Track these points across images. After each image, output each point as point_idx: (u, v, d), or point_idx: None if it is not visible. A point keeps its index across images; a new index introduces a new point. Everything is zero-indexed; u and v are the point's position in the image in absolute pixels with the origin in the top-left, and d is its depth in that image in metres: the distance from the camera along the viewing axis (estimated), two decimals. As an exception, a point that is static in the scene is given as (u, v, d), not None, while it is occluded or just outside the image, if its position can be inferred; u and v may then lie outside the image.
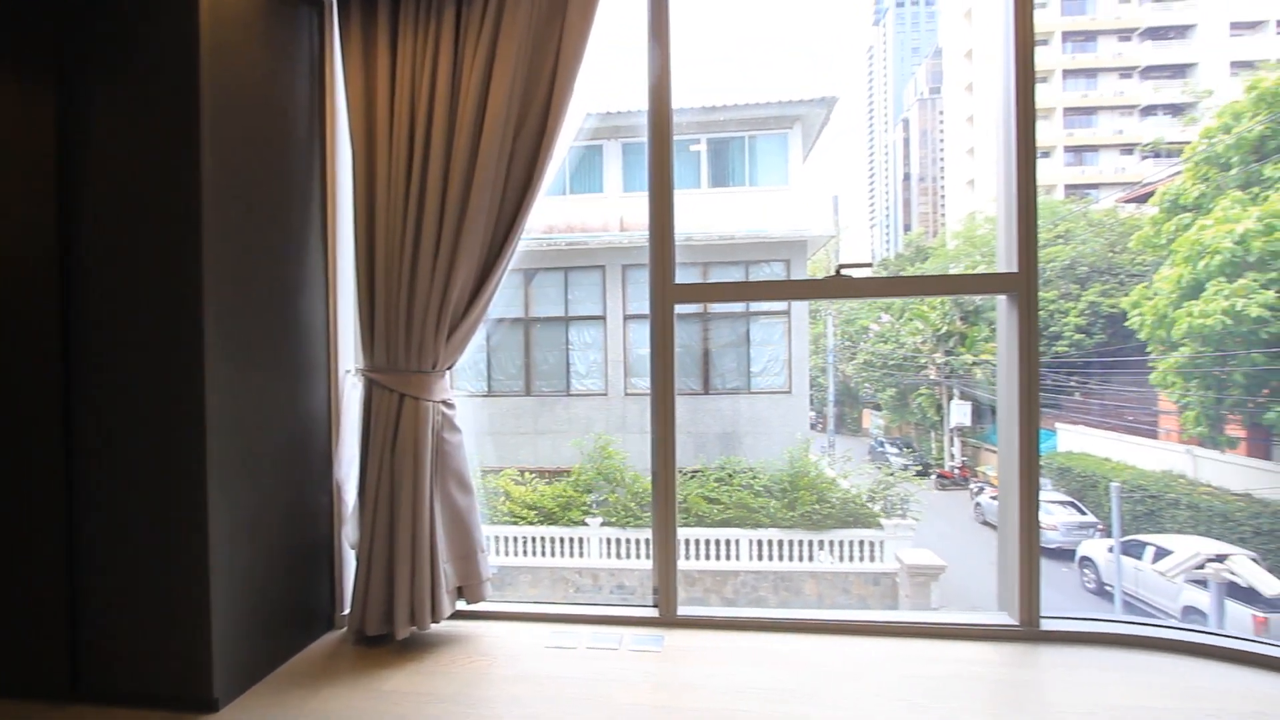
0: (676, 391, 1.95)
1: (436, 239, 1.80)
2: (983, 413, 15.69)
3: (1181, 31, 27.03)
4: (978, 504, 13.26)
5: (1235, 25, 26.03)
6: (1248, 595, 7.99)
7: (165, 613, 1.53)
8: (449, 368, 1.91)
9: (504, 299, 10.18)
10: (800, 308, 9.62)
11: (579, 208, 9.95)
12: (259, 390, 1.69)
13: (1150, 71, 27.47)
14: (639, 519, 8.08)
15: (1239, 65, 24.14)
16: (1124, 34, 27.83)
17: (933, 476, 15.83)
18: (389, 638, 1.86)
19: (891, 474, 9.19)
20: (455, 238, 1.80)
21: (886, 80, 70.27)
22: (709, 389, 9.50)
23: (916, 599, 7.53)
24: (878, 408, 20.66)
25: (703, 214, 9.66)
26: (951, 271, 17.37)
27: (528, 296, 9.72)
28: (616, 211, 9.86)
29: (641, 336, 9.24)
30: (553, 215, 9.85)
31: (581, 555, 8.29)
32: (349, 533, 1.97)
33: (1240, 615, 7.83)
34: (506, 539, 8.38)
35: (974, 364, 15.53)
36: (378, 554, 1.81)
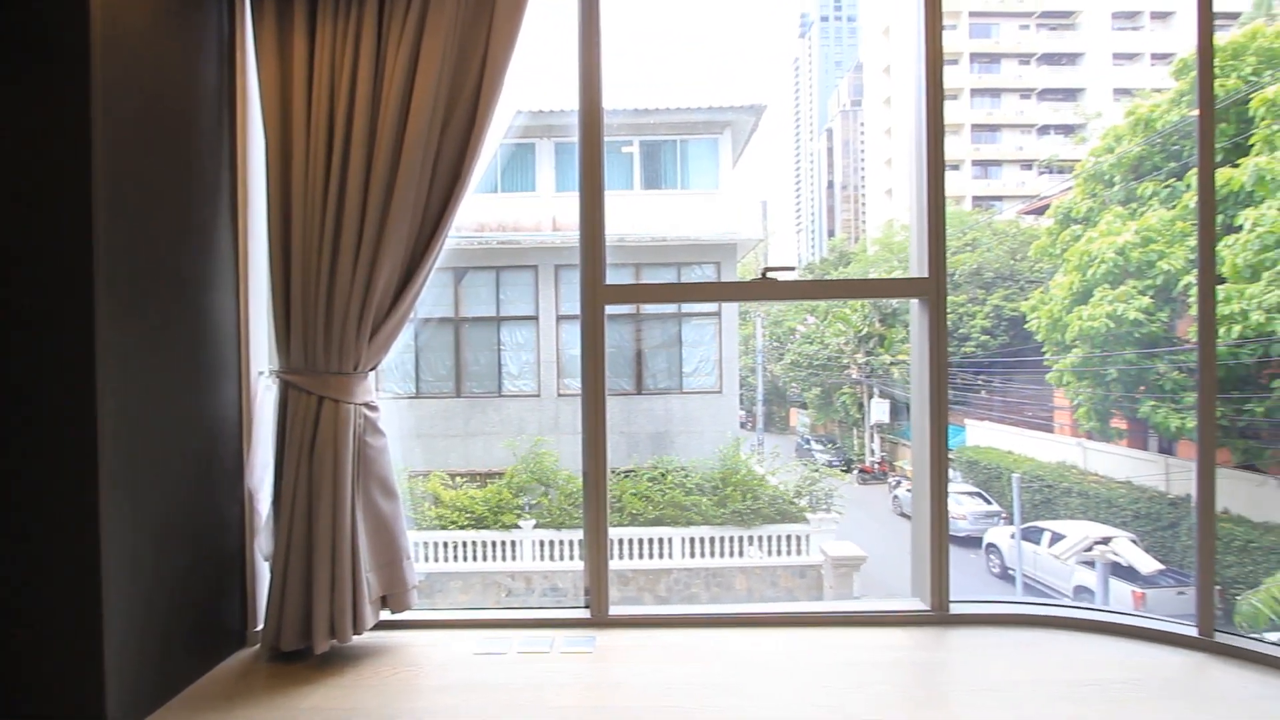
0: (609, 392, 1.96)
1: (358, 234, 1.74)
2: (899, 410, 16.54)
3: (1073, 59, 29.51)
4: (895, 496, 13.99)
5: (1117, 56, 28.68)
6: (1128, 574, 8.81)
7: (53, 629, 1.41)
8: (372, 369, 1.84)
9: (432, 298, 9.91)
10: (730, 309, 9.84)
11: (511, 206, 9.80)
12: (160, 393, 1.58)
13: (1046, 94, 29.83)
14: (572, 520, 8.04)
15: (1120, 92, 26.60)
16: (1024, 58, 30.08)
17: (855, 472, 16.57)
18: (307, 653, 1.77)
19: (817, 470, 9.54)
20: (378, 233, 1.74)
21: (812, 91, 72.93)
22: (642, 389, 9.57)
23: (840, 589, 7.85)
24: (804, 406, 21.40)
25: (635, 215, 9.72)
26: (871, 276, 18.21)
27: (458, 296, 9.48)
28: (549, 211, 9.77)
29: (575, 337, 9.19)
30: (484, 213, 9.65)
31: (514, 559, 8.17)
32: (262, 544, 1.86)
33: (1122, 592, 8.63)
34: (436, 545, 8.15)
35: (892, 364, 16.36)
36: (294, 565, 1.72)
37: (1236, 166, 8.56)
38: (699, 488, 8.48)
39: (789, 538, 8.26)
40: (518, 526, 8.21)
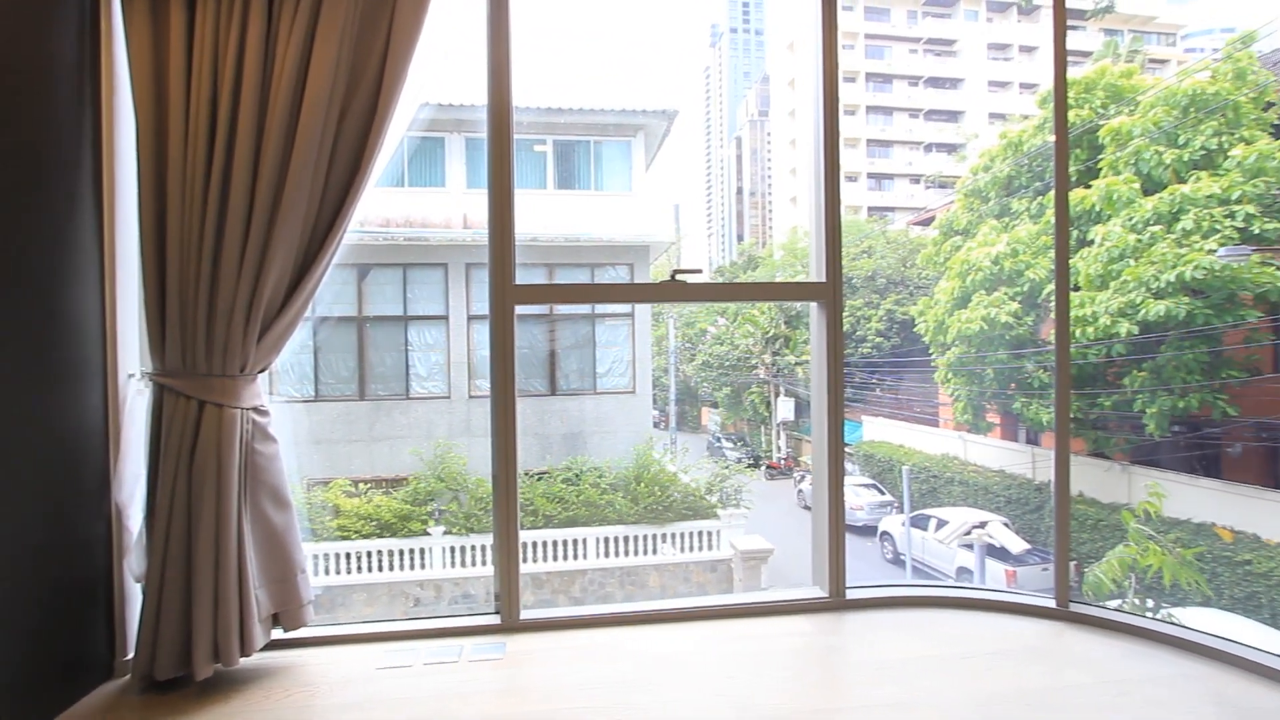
0: (522, 393, 1.93)
1: (245, 226, 1.61)
2: (803, 408, 17.34)
3: (954, 83, 32.19)
4: (800, 490, 14.68)
5: (992, 83, 31.57)
6: (1002, 554, 9.71)
7: None
8: (262, 370, 1.72)
9: (332, 295, 9.37)
10: (644, 310, 9.95)
11: (419, 202, 9.44)
12: (8, 396, 1.40)
13: (932, 114, 32.34)
14: (484, 525, 7.86)
15: (995, 116, 29.27)
16: (912, 80, 32.47)
17: (763, 468, 17.22)
18: (186, 680, 1.63)
19: (727, 467, 9.83)
20: (268, 226, 1.62)
21: (722, 99, 75.09)
22: (556, 390, 9.49)
23: (749, 581, 8.14)
24: (715, 405, 21.99)
25: (549, 215, 9.63)
26: (778, 279, 19.01)
27: (361, 293, 9.02)
28: (460, 208, 9.49)
29: (487, 337, 8.98)
30: (390, 208, 9.24)
31: (423, 566, 7.88)
32: (133, 564, 1.69)
33: (997, 570, 9.51)
34: (338, 556, 7.72)
35: (796, 364, 17.14)
36: (171, 585, 1.58)
37: (1089, 188, 9.63)
38: (613, 487, 8.53)
39: (701, 534, 8.46)
40: (426, 533, 7.93)
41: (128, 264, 1.74)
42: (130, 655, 1.69)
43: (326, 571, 7.71)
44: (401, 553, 7.87)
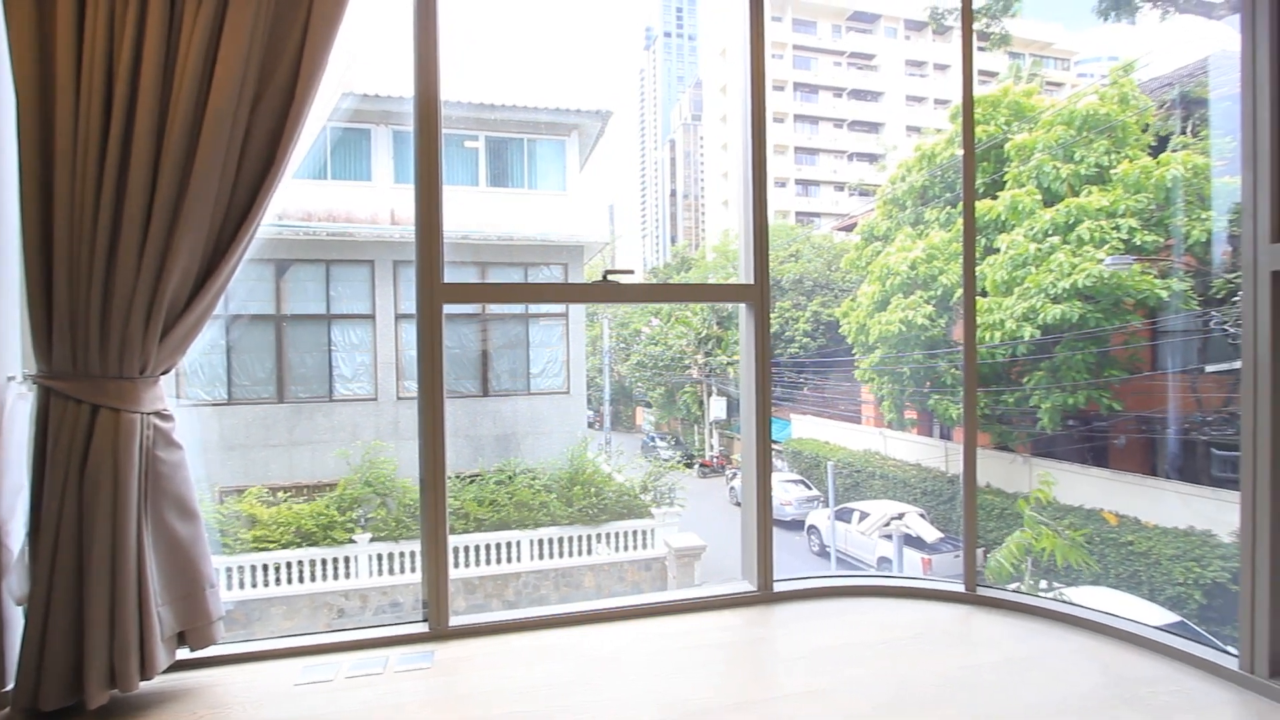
0: (452, 394, 1.88)
1: (145, 218, 1.50)
2: (735, 407, 17.73)
3: (875, 96, 33.75)
4: (731, 487, 15.01)
5: (909, 97, 33.33)
6: (918, 543, 10.28)
7: None
8: (165, 372, 1.61)
9: (246, 291, 8.82)
10: (578, 310, 9.91)
11: (344, 196, 9.04)
12: None
13: (855, 125, 33.80)
14: (413, 531, 7.61)
15: (911, 129, 30.92)
16: (837, 91, 33.82)
17: (696, 466, 17.50)
18: (77, 709, 1.50)
19: (661, 466, 9.93)
20: (172, 217, 1.52)
21: (656, 102, 75.72)
22: (488, 391, 9.31)
23: (683, 578, 8.25)
24: (649, 405, 22.15)
25: (481, 212, 9.44)
26: (710, 281, 19.33)
27: (280, 290, 8.54)
28: (387, 203, 9.15)
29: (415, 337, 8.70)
30: (312, 201, 8.80)
31: (349, 576, 7.56)
32: (13, 585, 1.54)
33: (914, 559, 10.05)
34: (254, 568, 7.29)
35: (729, 364, 17.51)
36: (59, 606, 1.45)
37: (995, 199, 10.33)
38: (547, 488, 8.44)
39: (635, 533, 8.51)
40: (352, 541, 7.60)
41: (7, 258, 1.59)
42: (10, 686, 1.54)
43: (242, 585, 7.28)
44: (325, 562, 7.52)
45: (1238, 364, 1.60)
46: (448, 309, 1.92)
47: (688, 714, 1.50)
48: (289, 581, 7.41)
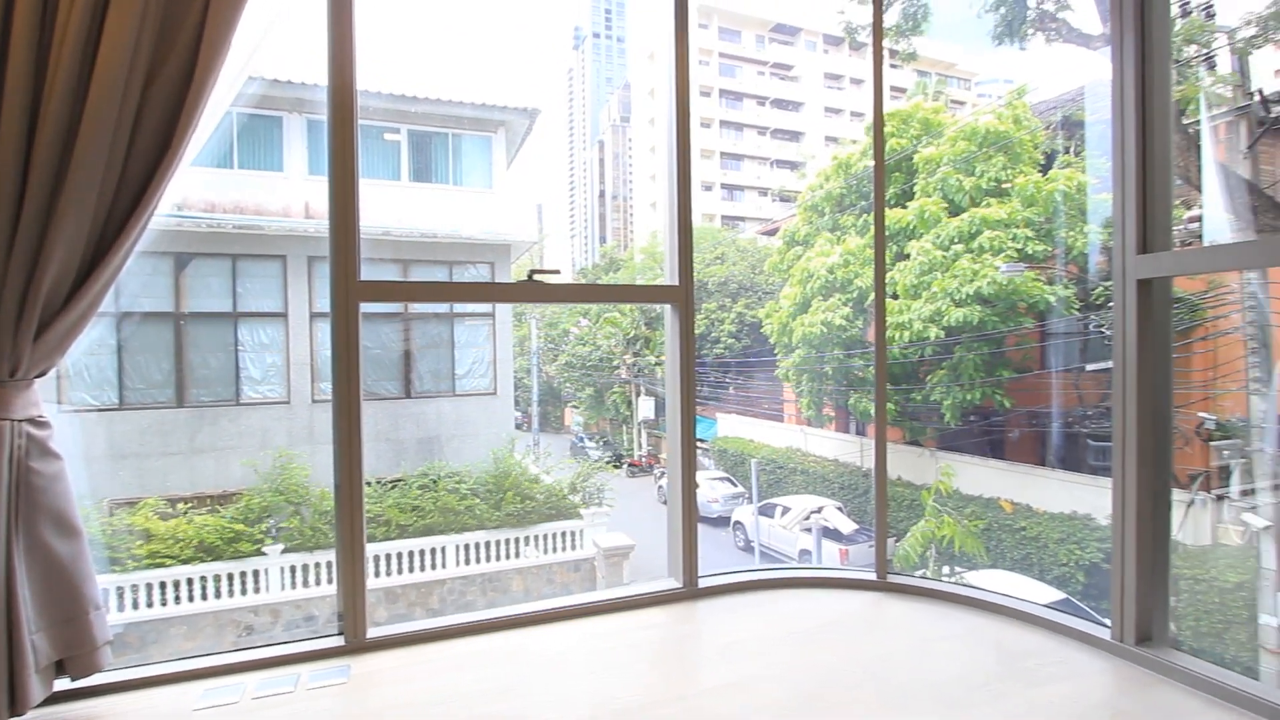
0: (372, 396, 1.81)
1: (16, 206, 1.36)
2: (663, 407, 17.94)
3: (796, 106, 35.04)
4: (659, 486, 15.17)
5: (827, 109, 34.82)
6: (836, 535, 10.76)
7: None
8: (40, 375, 1.46)
9: (139, 286, 8.14)
10: (504, 310, 9.74)
11: (253, 187, 8.49)
12: None
13: (777, 133, 34.97)
14: (329, 540, 7.25)
15: (829, 139, 32.31)
16: (760, 100, 34.88)
17: (625, 466, 17.57)
18: (-68, 752, 1.34)
19: (590, 466, 9.91)
20: (48, 205, 1.38)
21: (585, 102, 75.46)
22: (411, 392, 8.99)
23: (612, 578, 8.26)
24: (578, 405, 22.05)
25: (403, 208, 9.10)
26: (638, 282, 19.47)
27: (180, 286, 7.91)
28: (300, 195, 8.67)
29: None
30: (217, 191, 8.21)
31: (259, 590, 7.11)
32: None
33: (832, 550, 10.51)
34: (149, 587, 6.74)
35: (656, 364, 17.69)
36: (-91, 638, 1.29)
37: (905, 208, 10.95)
38: (473, 492, 8.25)
39: (564, 534, 8.46)
40: (262, 553, 7.16)
41: None
42: None
43: (136, 605, 6.72)
44: (231, 577, 7.05)
45: (1111, 363, 1.78)
46: (366, 308, 1.84)
47: (617, 713, 1.51)
48: (190, 599, 6.91)
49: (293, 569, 7.27)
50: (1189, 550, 7.01)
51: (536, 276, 1.97)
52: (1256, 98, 6.05)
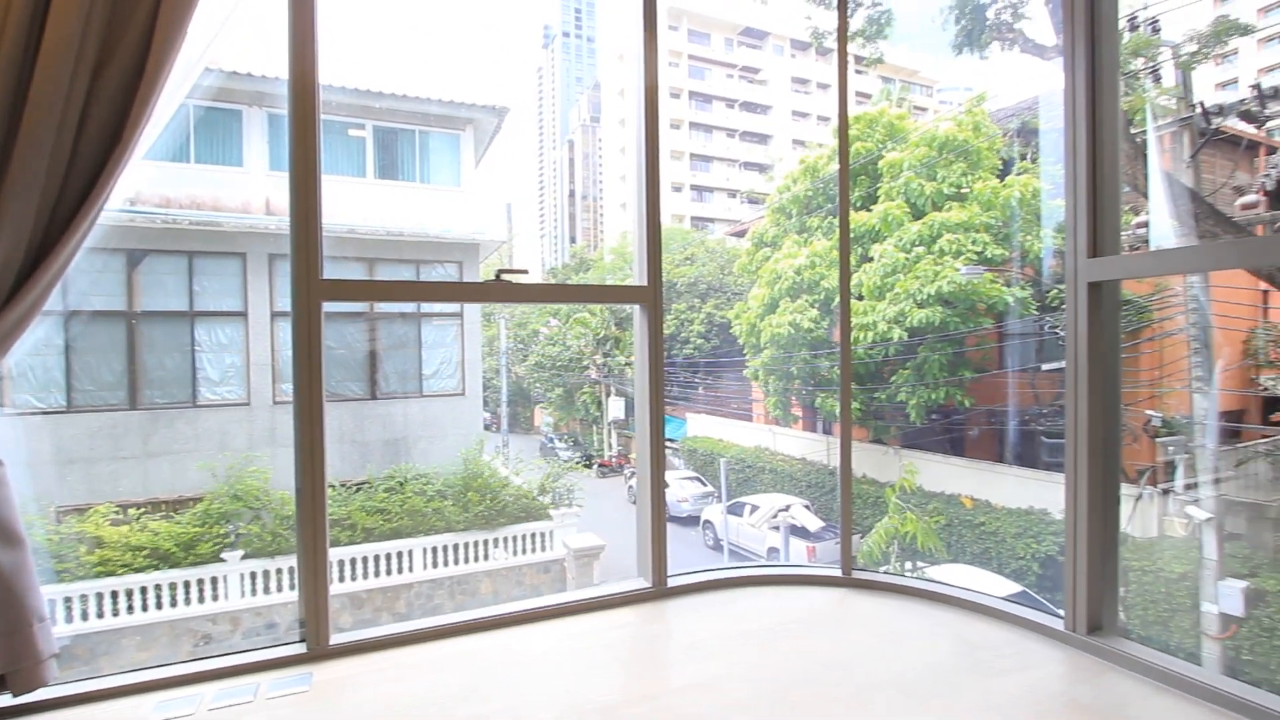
0: (336, 397, 1.77)
1: (-47, 199, 1.30)
2: (634, 407, 17.93)
3: (764, 109, 35.43)
4: (630, 486, 15.18)
5: (794, 112, 35.28)
6: (803, 532, 10.91)
7: None
8: (-21, 377, 1.40)
9: (89, 284, 7.84)
10: (473, 310, 9.63)
11: (211, 181, 8.22)
12: None
13: (745, 135, 35.31)
14: (292, 545, 7.07)
15: (797, 142, 32.77)
16: (729, 102, 35.16)
17: (595, 466, 17.53)
18: None
19: (560, 467, 9.87)
20: (-11, 200, 1.32)
21: (555, 102, 75.04)
22: (377, 393, 8.82)
23: (582, 579, 8.24)
24: (547, 406, 21.93)
25: (369, 205, 8.93)
26: (609, 282, 19.45)
27: (133, 284, 7.62)
28: (261, 191, 8.43)
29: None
30: (172, 185, 7.94)
31: (217, 598, 6.90)
32: None
33: (800, 547, 10.65)
34: (100, 596, 6.49)
35: (626, 364, 17.69)
36: None
37: (870, 211, 11.17)
38: (441, 494, 8.14)
39: (533, 535, 8.40)
40: (220, 559, 6.95)
41: None
42: None
43: (85, 616, 6.46)
44: (188, 584, 6.83)
45: (1064, 363, 1.85)
46: (330, 307, 1.81)
47: (586, 714, 1.51)
48: (144, 609, 6.67)
49: (253, 575, 7.08)
50: (1137, 542, 7.30)
51: (504, 276, 1.96)
52: (1198, 110, 6.34)
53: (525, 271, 1.97)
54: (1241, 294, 8.25)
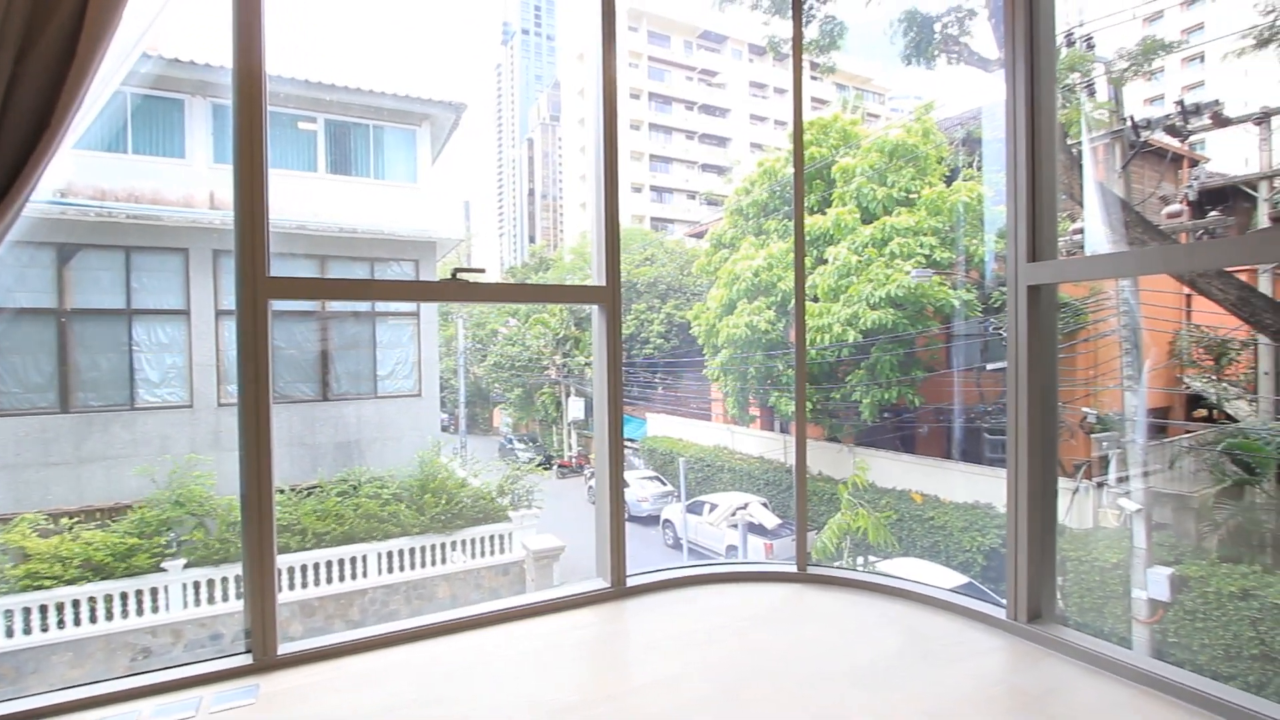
0: (286, 399, 1.71)
1: None
2: (593, 407, 17.90)
3: (723, 112, 35.83)
4: (589, 487, 15.14)
5: (752, 116, 35.80)
6: (761, 530, 11.08)
7: None
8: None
9: (14, 280, 7.40)
10: (429, 309, 9.45)
11: (151, 173, 7.84)
12: None
13: (704, 138, 35.65)
14: (238, 552, 6.80)
15: (755, 145, 33.26)
16: (689, 104, 35.44)
17: (555, 467, 17.43)
18: None
19: (519, 468, 9.77)
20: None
21: (514, 99, 74.24)
22: (328, 395, 8.56)
23: (542, 580, 8.17)
24: (507, 407, 21.68)
25: (321, 201, 8.66)
26: (569, 282, 19.36)
27: (64, 280, 7.20)
28: (205, 184, 8.09)
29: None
30: (107, 177, 7.53)
31: (157, 609, 6.60)
32: None
33: (758, 544, 10.81)
34: (28, 611, 6.14)
35: (586, 364, 17.63)
36: None
37: (824, 215, 11.41)
38: (396, 497, 7.96)
39: (492, 538, 8.29)
40: (161, 569, 6.64)
41: None
42: None
43: (10, 633, 6.09)
44: (125, 596, 6.50)
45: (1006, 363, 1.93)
46: (279, 305, 1.75)
47: (546, 717, 1.50)
48: (76, 623, 6.32)
49: (196, 585, 6.79)
50: (1074, 534, 7.67)
51: (461, 275, 1.93)
52: (1129, 124, 6.72)
53: (482, 271, 1.95)
54: (1167, 298, 8.77)
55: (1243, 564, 6.00)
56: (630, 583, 2.20)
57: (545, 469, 16.16)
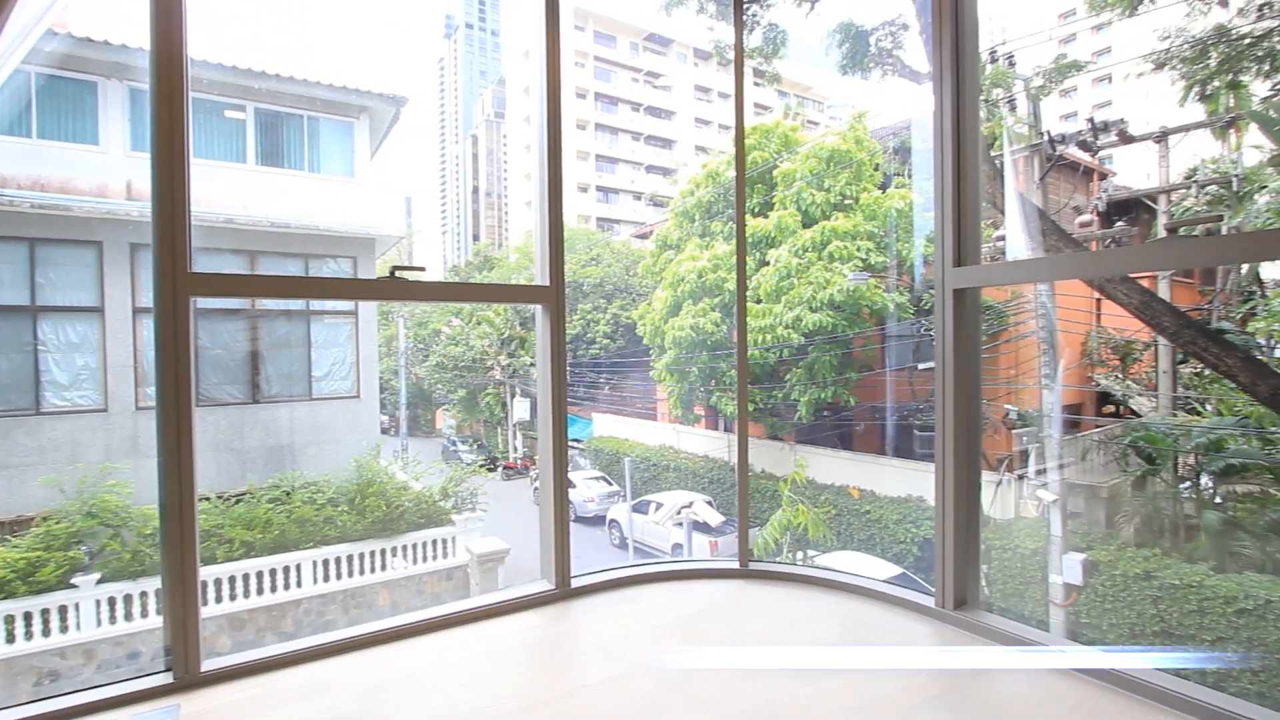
0: (211, 402, 1.63)
1: None
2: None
3: (669, 114, 36.15)
4: (536, 488, 14.99)
5: (697, 119, 36.29)
6: (705, 528, 11.25)
7: None
8: None
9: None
10: (368, 308, 9.14)
11: (59, 160, 7.29)
12: None
13: (650, 139, 35.88)
14: (157, 564, 6.40)
15: (699, 148, 33.72)
16: (635, 105, 35.58)
17: (500, 469, 17.18)
18: None
19: (463, 470, 9.57)
20: None
21: (457, 94, 72.61)
22: (258, 397, 8.16)
23: (486, 584, 8.04)
24: (450, 408, 21.21)
25: (251, 194, 8.24)
26: (514, 281, 19.10)
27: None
28: (121, 173, 7.57)
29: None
30: (9, 163, 6.96)
31: (66, 629, 6.14)
32: None
33: (702, 542, 10.97)
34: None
35: (531, 364, 17.45)
36: None
37: (767, 218, 11.67)
38: (333, 502, 7.66)
39: (435, 542, 8.10)
40: (71, 586, 6.19)
41: None
42: None
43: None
44: (29, 615, 6.02)
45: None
46: (204, 303, 1.66)
47: (486, 720, 1.48)
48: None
49: (111, 601, 6.35)
50: (998, 524, 8.12)
51: (400, 273, 1.88)
52: (1046, 138, 7.16)
53: (423, 269, 1.90)
54: (1080, 301, 9.39)
55: (1145, 548, 6.50)
56: (575, 584, 2.20)
57: (490, 471, 15.91)
